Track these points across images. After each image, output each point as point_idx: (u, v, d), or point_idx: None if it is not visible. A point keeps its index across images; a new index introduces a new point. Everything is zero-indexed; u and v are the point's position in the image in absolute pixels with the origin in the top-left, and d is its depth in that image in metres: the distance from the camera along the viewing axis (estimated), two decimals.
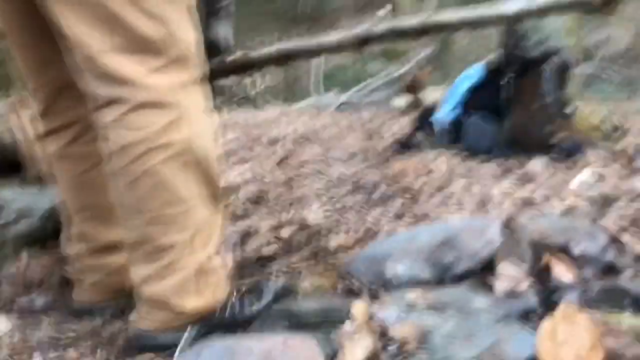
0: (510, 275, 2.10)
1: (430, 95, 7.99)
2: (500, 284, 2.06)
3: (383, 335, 1.71)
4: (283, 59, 2.20)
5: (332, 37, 1.95)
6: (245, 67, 2.62)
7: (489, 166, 4.84)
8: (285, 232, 3.05)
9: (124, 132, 1.72)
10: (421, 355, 1.64)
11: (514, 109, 5.09)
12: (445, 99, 5.91)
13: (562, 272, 2.20)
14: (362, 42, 1.97)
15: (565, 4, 1.78)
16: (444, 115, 5.52)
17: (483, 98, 5.36)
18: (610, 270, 2.27)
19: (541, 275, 2.18)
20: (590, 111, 6.25)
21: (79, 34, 1.67)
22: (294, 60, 2.24)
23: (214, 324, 1.88)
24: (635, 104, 7.86)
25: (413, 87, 7.63)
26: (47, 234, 2.71)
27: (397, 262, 2.10)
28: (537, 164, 4.76)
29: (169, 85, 1.75)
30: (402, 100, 8.08)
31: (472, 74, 5.49)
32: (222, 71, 3.04)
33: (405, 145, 5.50)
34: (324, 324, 1.76)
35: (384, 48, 10.70)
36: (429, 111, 6.04)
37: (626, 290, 1.84)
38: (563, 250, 2.28)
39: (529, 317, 1.89)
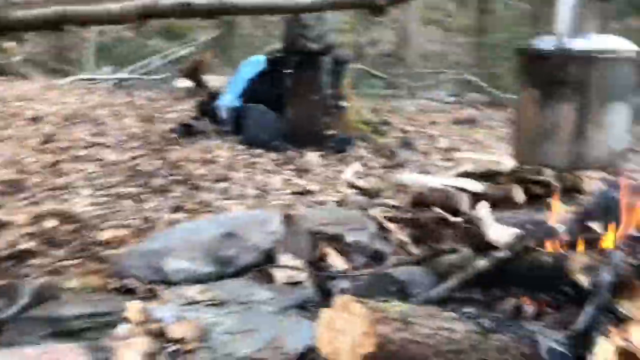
0: (290, 265, 2.15)
1: (213, 79, 7.87)
2: (281, 275, 2.09)
3: (161, 335, 1.61)
4: (50, 25, 1.90)
5: (114, 5, 1.75)
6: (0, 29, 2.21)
7: (269, 157, 4.95)
8: (47, 224, 2.70)
9: None
10: (202, 353, 1.58)
11: (293, 102, 5.28)
12: (228, 86, 5.88)
13: (336, 261, 2.31)
14: (147, 14, 1.81)
15: (351, 1, 1.85)
16: (227, 103, 5.49)
17: (264, 89, 5.44)
18: (378, 257, 2.45)
19: (318, 264, 2.27)
20: (361, 107, 6.79)
21: None
22: (62, 29, 1.93)
23: None
24: (398, 102, 8.77)
25: (195, 69, 7.45)
26: None
27: (177, 257, 2.00)
28: (313, 156, 5.01)
29: None
30: (185, 82, 7.85)
31: (254, 62, 5.54)
32: None
33: (187, 131, 5.35)
34: (93, 329, 1.60)
35: (167, 26, 10.27)
36: (213, 97, 5.95)
37: (392, 277, 2.00)
38: (337, 240, 2.41)
39: (308, 307, 1.94)
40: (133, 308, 1.65)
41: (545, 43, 1.71)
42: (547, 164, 2.16)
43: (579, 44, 1.66)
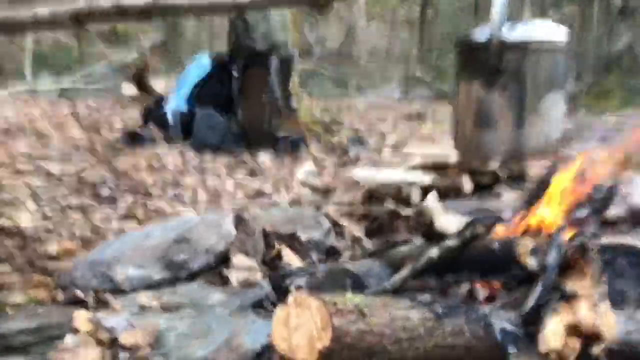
0: (245, 266, 2.13)
1: (159, 84, 7.74)
2: (235, 276, 2.07)
3: (113, 344, 1.57)
4: None
5: (45, 10, 1.68)
6: None
7: (220, 160, 4.91)
8: None
9: None
10: (156, 359, 1.55)
11: (243, 103, 5.24)
12: (176, 89, 5.79)
13: (292, 259, 2.31)
14: (81, 18, 1.74)
15: None
16: (175, 107, 5.40)
17: (211, 91, 5.39)
18: (333, 252, 2.46)
19: (273, 263, 2.26)
20: (311, 106, 6.81)
21: None
22: None
23: None
24: (347, 100, 8.83)
25: (140, 75, 7.30)
26: None
27: (128, 265, 1.95)
28: (265, 157, 4.99)
29: None
30: (131, 88, 7.68)
31: (200, 64, 5.47)
32: None
33: (134, 139, 5.24)
34: (41, 343, 1.54)
35: (110, 31, 10.02)
36: (160, 102, 5.85)
37: (347, 270, 2.01)
38: (292, 238, 2.40)
39: (264, 306, 1.93)
40: (81, 318, 1.61)
41: (482, 34, 1.75)
42: (486, 153, 2.21)
43: (514, 34, 1.70)
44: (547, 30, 1.81)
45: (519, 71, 1.71)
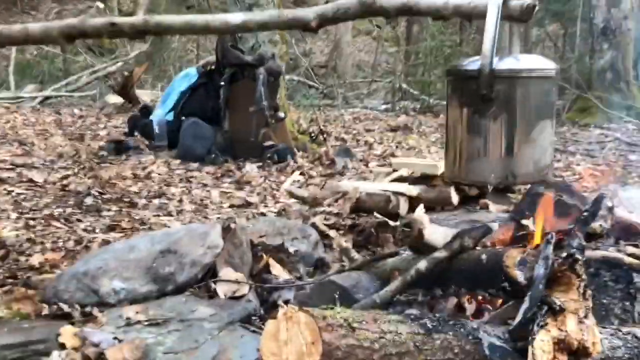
0: (232, 279, 2.11)
1: (144, 94, 7.70)
2: (223, 290, 2.05)
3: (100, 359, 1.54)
4: None
5: (36, 26, 1.67)
6: None
7: (206, 170, 4.88)
8: None
9: None
10: None
11: (230, 114, 5.23)
12: (162, 99, 5.77)
13: (279, 272, 2.29)
14: (73, 35, 1.73)
15: (282, 22, 1.85)
16: (161, 117, 5.38)
17: (198, 102, 5.37)
18: (321, 264, 2.45)
19: (261, 276, 2.24)
20: (298, 117, 6.81)
21: None
22: None
23: None
24: (334, 111, 8.86)
25: (125, 85, 7.27)
26: None
27: (113, 278, 1.92)
28: (252, 168, 4.98)
29: None
30: (115, 98, 7.64)
31: (189, 75, 5.46)
32: None
33: (119, 148, 5.20)
34: (25, 358, 1.51)
35: (95, 41, 9.97)
36: (144, 112, 5.82)
37: (336, 283, 2.00)
38: (280, 250, 2.39)
39: (252, 321, 1.92)
40: (67, 333, 1.58)
41: (473, 64, 1.78)
42: (477, 180, 2.24)
43: (504, 64, 1.73)
44: (536, 61, 1.86)
45: (509, 100, 1.74)
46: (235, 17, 1.86)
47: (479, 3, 1.81)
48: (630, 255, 2.20)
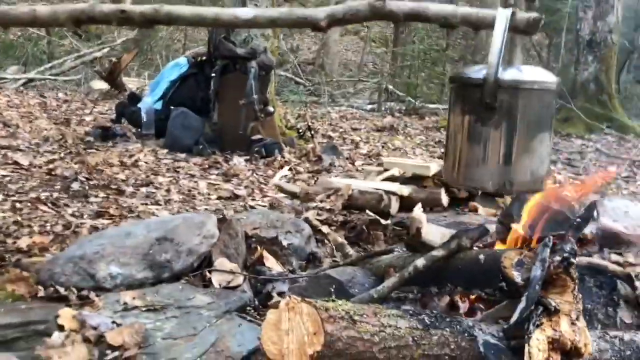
0: (227, 269, 2.12)
1: (131, 81, 7.62)
2: (218, 279, 2.05)
3: (99, 343, 1.54)
4: None
5: (44, 9, 1.64)
6: None
7: (193, 161, 4.85)
8: None
9: None
10: (145, 358, 1.53)
11: (219, 106, 5.21)
12: (151, 87, 5.71)
13: (273, 264, 2.30)
14: (81, 20, 1.71)
15: (291, 20, 1.85)
16: (149, 105, 5.33)
17: (187, 92, 5.33)
18: (314, 259, 2.47)
19: (254, 267, 2.25)
20: (286, 112, 6.82)
21: None
22: None
23: None
24: (320, 109, 8.87)
25: (112, 71, 7.19)
26: None
27: (110, 262, 1.92)
28: (240, 161, 4.96)
29: None
30: (101, 84, 7.54)
31: (179, 64, 5.42)
32: None
33: (105, 134, 5.14)
34: (25, 338, 1.50)
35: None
36: (132, 99, 5.76)
37: (332, 277, 2.02)
38: (273, 243, 2.40)
39: (246, 311, 1.92)
40: (66, 315, 1.57)
41: (477, 72, 1.82)
42: (476, 186, 2.28)
43: (508, 75, 1.78)
44: (539, 73, 1.91)
45: (511, 110, 1.78)
46: (246, 12, 1.86)
47: (486, 14, 1.85)
48: (614, 262, 2.27)
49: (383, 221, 2.78)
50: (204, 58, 5.27)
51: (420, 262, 1.83)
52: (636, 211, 2.75)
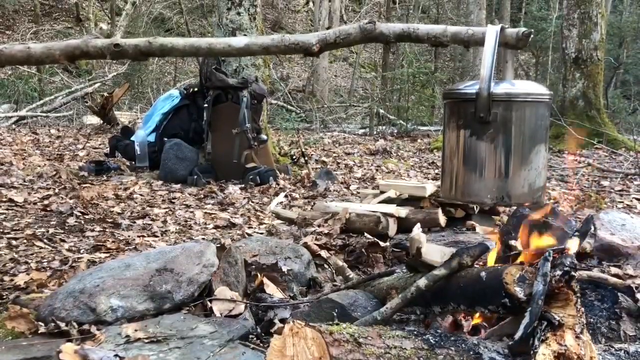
0: (227, 297, 2.10)
1: (123, 115, 7.65)
2: (219, 308, 2.04)
3: None
4: None
5: (38, 46, 1.65)
6: None
7: (189, 191, 4.85)
8: None
9: None
10: None
11: (213, 136, 5.23)
12: (144, 120, 5.74)
13: (273, 291, 2.29)
14: (76, 56, 1.72)
15: (284, 47, 1.87)
16: (143, 138, 5.35)
17: (180, 123, 5.36)
18: (314, 284, 2.46)
19: (255, 295, 2.24)
20: (279, 139, 6.85)
21: None
22: None
23: None
24: (313, 135, 8.93)
25: (104, 106, 7.22)
26: None
27: (111, 295, 1.90)
28: (235, 189, 4.97)
29: None
30: (93, 119, 7.57)
31: (172, 96, 5.46)
32: None
33: (99, 168, 5.14)
34: None
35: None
36: (125, 133, 5.78)
37: (334, 301, 2.01)
38: (273, 269, 2.39)
39: (249, 339, 1.91)
40: (68, 350, 1.55)
41: (470, 87, 1.84)
42: (474, 201, 2.29)
43: (500, 88, 1.80)
44: (532, 86, 1.93)
45: (506, 123, 1.80)
46: (239, 41, 1.89)
47: (476, 31, 1.88)
48: (614, 275, 2.27)
49: (382, 243, 2.78)
50: (196, 89, 5.31)
51: (422, 281, 1.83)
52: (632, 224, 2.77)
